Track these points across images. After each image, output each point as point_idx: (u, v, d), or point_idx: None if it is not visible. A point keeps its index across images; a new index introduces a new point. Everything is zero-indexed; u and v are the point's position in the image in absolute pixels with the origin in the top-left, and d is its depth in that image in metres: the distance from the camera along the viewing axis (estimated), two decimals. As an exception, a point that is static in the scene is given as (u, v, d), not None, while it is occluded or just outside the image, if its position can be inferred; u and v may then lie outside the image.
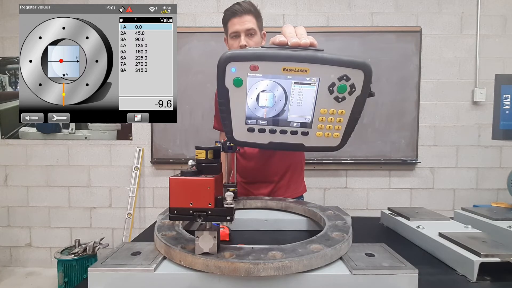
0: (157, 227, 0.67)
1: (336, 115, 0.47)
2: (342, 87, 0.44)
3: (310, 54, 0.43)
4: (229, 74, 0.44)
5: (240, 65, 0.44)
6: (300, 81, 0.45)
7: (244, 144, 0.51)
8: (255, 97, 0.46)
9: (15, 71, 2.38)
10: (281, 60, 0.43)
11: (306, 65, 0.43)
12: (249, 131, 0.49)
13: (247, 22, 1.06)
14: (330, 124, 0.48)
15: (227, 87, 0.45)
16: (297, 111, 0.47)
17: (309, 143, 0.50)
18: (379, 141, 2.31)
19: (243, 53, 0.44)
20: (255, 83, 0.45)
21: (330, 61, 0.43)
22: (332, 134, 0.49)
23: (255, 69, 0.44)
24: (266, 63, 0.43)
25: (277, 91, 0.46)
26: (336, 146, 0.51)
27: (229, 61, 0.44)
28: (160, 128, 2.34)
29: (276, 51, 0.44)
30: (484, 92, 2.29)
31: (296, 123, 0.48)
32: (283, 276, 0.50)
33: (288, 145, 0.50)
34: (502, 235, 0.77)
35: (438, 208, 2.32)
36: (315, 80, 0.44)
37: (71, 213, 2.45)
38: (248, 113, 0.48)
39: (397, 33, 2.26)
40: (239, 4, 1.07)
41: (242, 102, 0.46)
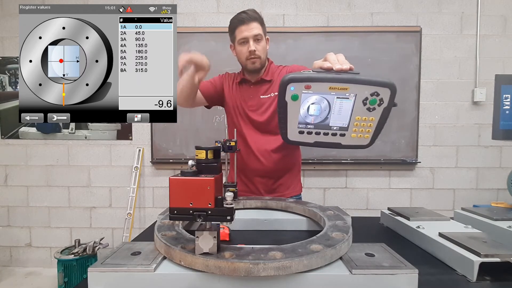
0: (157, 227, 0.67)
1: (367, 121, 0.60)
2: (373, 100, 0.57)
3: (350, 77, 0.56)
4: (288, 91, 0.57)
5: (298, 85, 0.57)
6: (341, 96, 0.57)
7: (295, 142, 0.64)
8: (306, 108, 0.59)
9: (15, 71, 2.38)
10: (329, 82, 0.56)
11: (347, 84, 0.56)
12: (300, 133, 0.62)
13: (254, 28, 1.13)
14: (362, 128, 0.61)
15: (286, 100, 0.58)
16: (337, 118, 0.60)
17: (345, 142, 0.62)
18: (379, 141, 2.29)
19: (301, 76, 0.57)
20: (307, 98, 0.58)
21: (365, 81, 0.56)
22: (364, 135, 0.62)
23: (308, 88, 0.57)
24: (317, 83, 0.57)
25: (323, 104, 0.59)
26: (366, 144, 0.63)
27: (290, 82, 0.57)
28: (160, 128, 2.34)
29: (325, 75, 0.57)
30: (484, 92, 2.29)
31: (336, 127, 0.61)
32: (283, 276, 0.50)
33: (329, 144, 0.62)
34: (502, 235, 0.77)
35: (438, 208, 2.32)
36: (352, 96, 0.57)
37: (71, 213, 2.45)
38: (300, 119, 0.61)
39: (397, 33, 2.26)
40: (245, 13, 1.13)
41: (297, 112, 0.60)
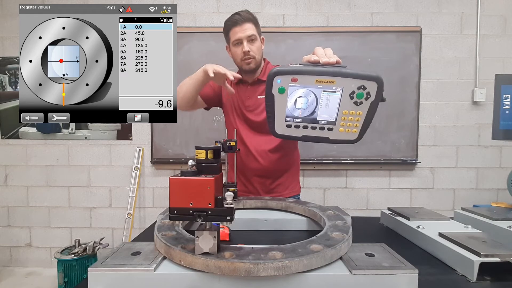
0: (157, 227, 0.67)
1: (355, 115, 0.59)
2: (360, 94, 0.57)
3: (337, 70, 0.57)
4: (275, 84, 0.58)
5: (284, 78, 0.57)
6: (328, 90, 0.58)
7: (283, 136, 0.64)
8: (294, 101, 0.60)
9: (15, 71, 2.38)
10: (315, 74, 0.57)
11: (333, 78, 0.56)
12: (287, 126, 0.63)
13: (248, 29, 1.13)
14: (350, 122, 0.60)
15: (273, 93, 0.59)
16: (324, 112, 0.60)
17: (333, 137, 0.62)
18: (379, 141, 2.31)
19: (286, 69, 0.57)
20: (294, 91, 0.59)
21: (351, 75, 0.56)
22: (351, 130, 0.61)
23: (295, 80, 0.57)
24: (303, 76, 0.57)
25: (310, 97, 0.59)
26: (354, 139, 0.63)
27: (276, 75, 0.58)
28: (160, 128, 2.34)
29: (311, 68, 0.57)
30: (484, 92, 2.29)
31: (323, 121, 0.61)
32: (283, 276, 0.50)
33: (317, 138, 0.63)
34: (502, 235, 0.77)
35: (438, 208, 2.32)
36: (339, 89, 0.57)
37: (71, 213, 2.45)
38: (288, 113, 0.61)
39: (397, 33, 2.26)
40: (238, 14, 1.14)
41: (284, 105, 0.60)
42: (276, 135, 0.64)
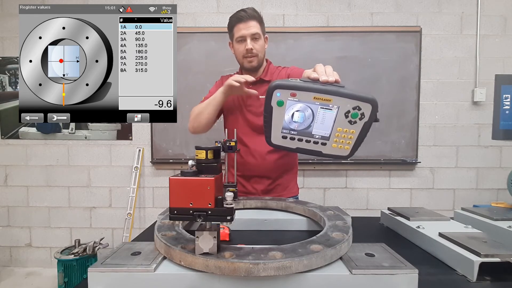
0: (157, 227, 0.67)
1: (348, 133, 0.62)
2: (355, 114, 0.59)
3: (334, 89, 0.58)
4: (274, 97, 0.60)
5: (284, 92, 0.59)
6: (325, 107, 0.60)
7: (277, 146, 0.66)
8: (291, 115, 0.62)
9: (15, 71, 2.38)
10: (313, 92, 0.59)
11: (331, 96, 0.58)
12: (283, 137, 0.65)
13: (252, 27, 1.12)
14: (343, 139, 0.63)
15: (272, 105, 0.61)
16: (320, 127, 0.62)
17: (326, 151, 0.64)
18: (379, 141, 2.31)
19: (287, 84, 0.59)
20: (292, 105, 0.61)
21: (347, 95, 0.58)
22: (344, 146, 0.64)
23: (294, 95, 0.59)
24: (302, 92, 0.59)
25: (307, 112, 0.61)
26: (345, 155, 0.65)
27: (276, 88, 0.60)
28: (160, 128, 2.34)
29: (310, 85, 0.59)
30: (484, 92, 2.29)
31: (318, 136, 0.63)
32: (283, 276, 0.50)
33: (310, 151, 0.65)
34: (502, 235, 0.77)
35: (438, 208, 2.32)
36: (335, 107, 0.59)
37: (71, 213, 2.45)
38: (284, 125, 0.63)
39: (397, 33, 2.26)
40: (244, 11, 1.13)
41: (281, 117, 0.62)
42: (271, 144, 0.66)
